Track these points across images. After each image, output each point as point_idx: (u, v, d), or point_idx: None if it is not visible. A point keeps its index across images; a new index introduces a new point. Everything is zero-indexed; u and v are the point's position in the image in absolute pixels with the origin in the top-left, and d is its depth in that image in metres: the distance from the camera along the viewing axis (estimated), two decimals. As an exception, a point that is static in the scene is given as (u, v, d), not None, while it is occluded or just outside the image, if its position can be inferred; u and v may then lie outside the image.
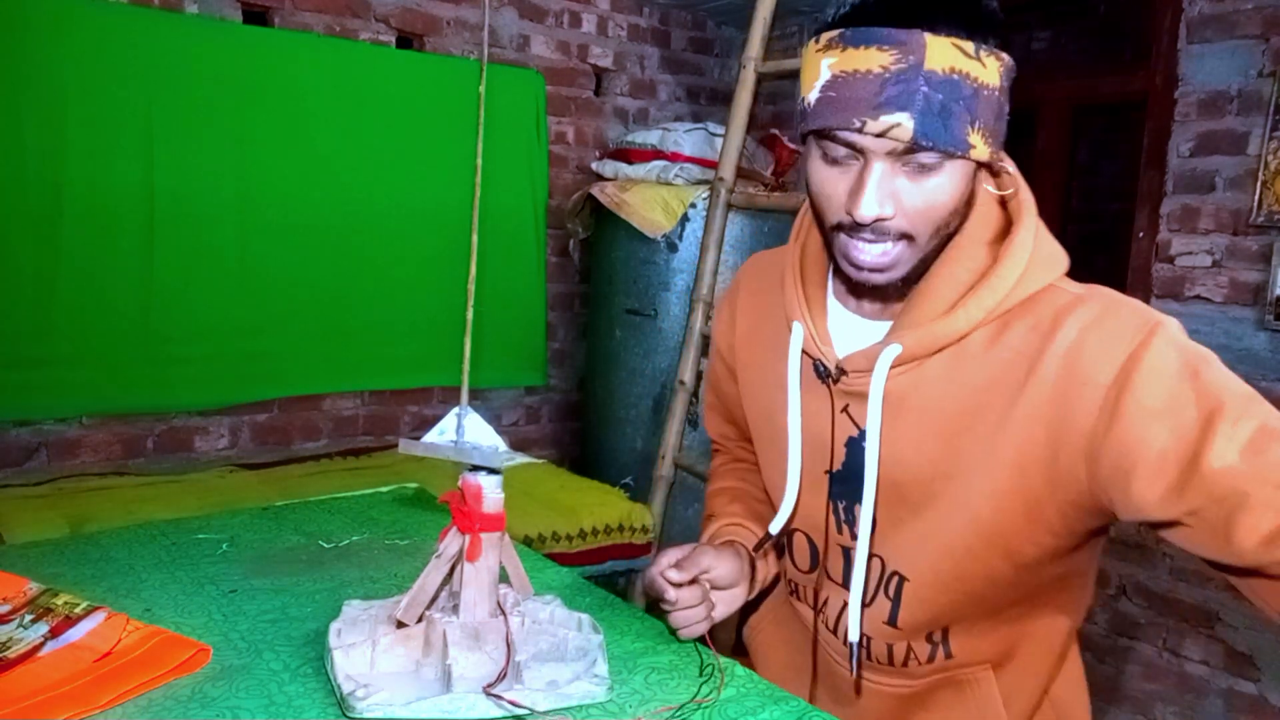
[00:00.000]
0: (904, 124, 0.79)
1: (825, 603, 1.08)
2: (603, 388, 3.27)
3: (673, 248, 3.00)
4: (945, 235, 0.88)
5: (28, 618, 1.01)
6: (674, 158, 3.07)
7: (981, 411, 0.89)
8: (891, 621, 1.01)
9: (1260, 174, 2.34)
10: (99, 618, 1.00)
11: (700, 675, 1.01)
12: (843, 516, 1.02)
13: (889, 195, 0.83)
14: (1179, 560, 2.58)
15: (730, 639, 1.30)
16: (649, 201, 3.00)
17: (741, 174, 2.70)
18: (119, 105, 2.53)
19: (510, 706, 0.90)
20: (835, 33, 0.82)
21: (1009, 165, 0.92)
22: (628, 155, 3.21)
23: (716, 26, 3.84)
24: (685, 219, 2.97)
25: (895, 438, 0.93)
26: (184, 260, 2.66)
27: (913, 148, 0.81)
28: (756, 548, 1.10)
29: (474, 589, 0.97)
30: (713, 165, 2.85)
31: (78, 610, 1.02)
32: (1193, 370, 0.81)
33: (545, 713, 0.91)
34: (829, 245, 0.91)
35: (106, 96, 2.51)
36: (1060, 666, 1.06)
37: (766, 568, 1.14)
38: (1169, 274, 2.57)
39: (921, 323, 0.90)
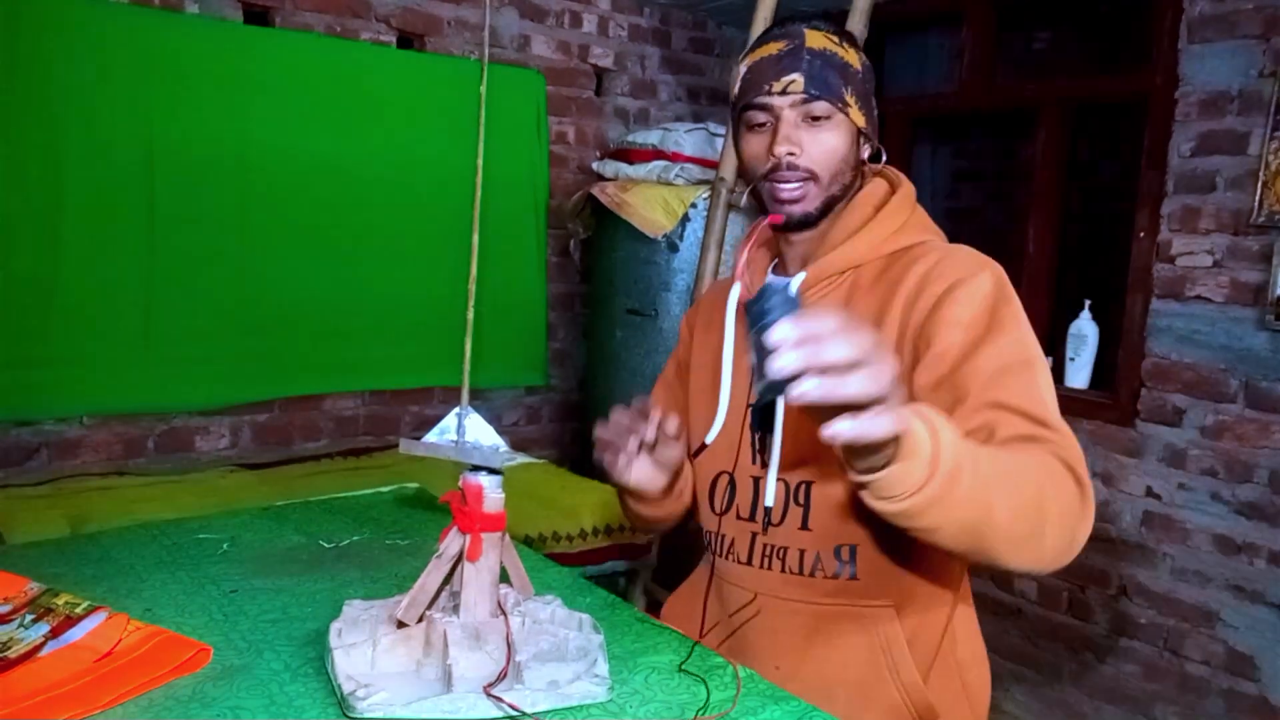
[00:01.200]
0: (797, 79, 1.10)
1: (732, 542, 1.21)
2: (603, 388, 3.27)
3: (673, 248, 3.00)
4: (842, 184, 1.15)
5: (28, 618, 1.01)
6: (674, 158, 3.07)
7: (870, 326, 1.09)
8: (804, 525, 1.14)
9: (1261, 174, 2.34)
10: (99, 618, 1.01)
11: (708, 681, 1.01)
12: (756, 446, 1.19)
13: (796, 142, 1.11)
14: (1179, 560, 2.58)
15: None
16: (649, 201, 3.00)
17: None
18: (119, 105, 2.53)
19: (509, 709, 0.90)
20: (748, 48, 1.19)
21: (884, 159, 1.20)
22: (628, 155, 3.21)
23: (717, 26, 3.84)
24: (686, 219, 2.97)
25: None
26: (184, 260, 2.66)
27: (806, 98, 1.10)
28: (694, 455, 1.25)
29: (474, 589, 0.97)
30: (713, 165, 2.85)
31: (78, 610, 1.02)
32: (994, 305, 1.04)
33: (545, 713, 0.91)
34: (762, 203, 1.17)
35: (106, 96, 2.51)
36: (950, 623, 1.18)
37: (688, 488, 1.29)
38: (1169, 274, 2.57)
39: (820, 257, 1.16)
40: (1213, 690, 2.52)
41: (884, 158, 1.20)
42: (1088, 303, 2.80)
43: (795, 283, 1.16)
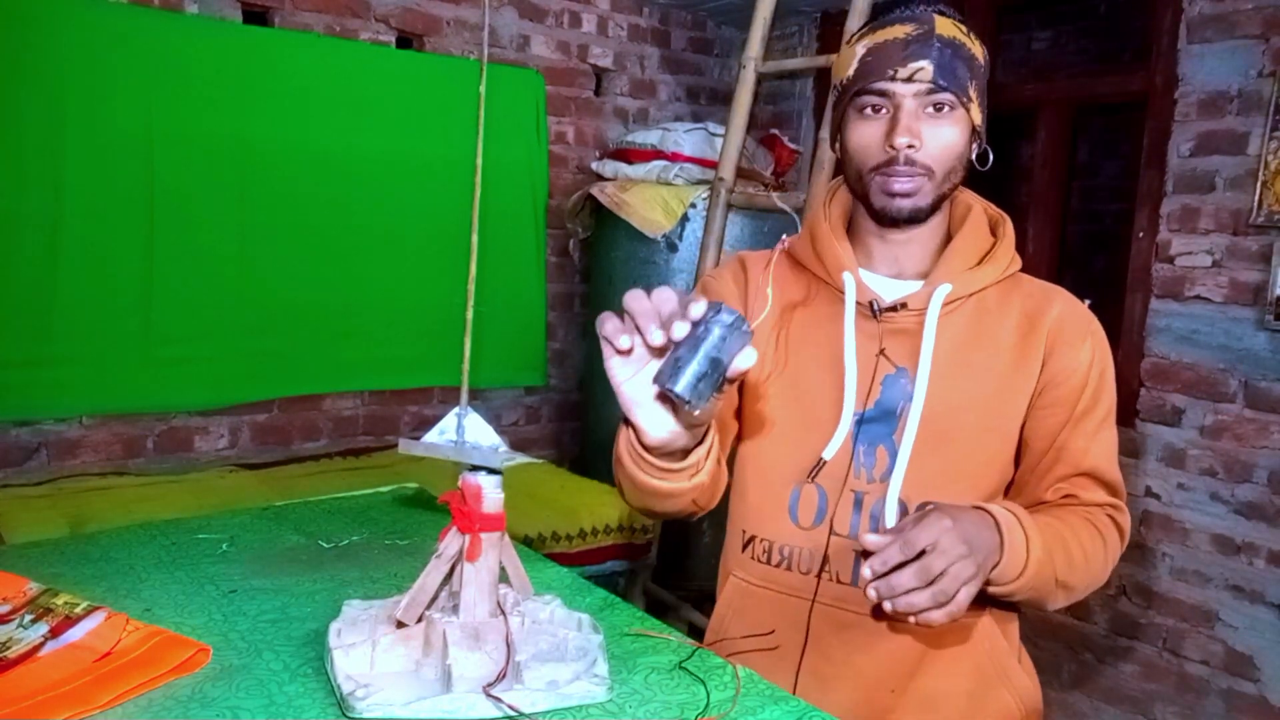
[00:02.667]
0: (926, 67, 1.03)
1: (827, 561, 1.12)
2: (603, 388, 3.27)
3: (673, 248, 3.00)
4: (953, 182, 1.10)
5: (28, 618, 1.01)
6: (674, 158, 3.06)
7: (1000, 353, 1.11)
8: None
9: (1260, 174, 2.34)
10: (99, 618, 1.00)
11: (708, 681, 1.01)
12: (862, 459, 1.12)
13: (917, 134, 1.04)
14: (1179, 560, 2.58)
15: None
16: (649, 201, 3.00)
17: (741, 174, 2.70)
18: (119, 105, 2.53)
19: (509, 709, 0.90)
20: (865, 26, 1.11)
21: (990, 161, 1.14)
22: (628, 155, 3.21)
23: (716, 26, 3.84)
24: (685, 219, 2.97)
25: (931, 374, 1.09)
26: (184, 260, 2.66)
27: (933, 88, 1.03)
28: (811, 475, 1.12)
29: (474, 589, 0.97)
30: (713, 165, 2.85)
31: (78, 610, 1.02)
32: (1105, 368, 1.13)
33: (544, 713, 0.91)
34: (864, 196, 1.10)
35: (106, 96, 2.51)
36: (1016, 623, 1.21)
37: (714, 456, 1.02)
38: (1169, 274, 2.57)
39: (958, 273, 1.11)
40: (1212, 690, 2.52)
41: (990, 160, 1.12)
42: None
43: (940, 294, 1.09)
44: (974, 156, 1.11)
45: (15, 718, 0.84)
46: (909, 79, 1.03)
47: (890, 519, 1.08)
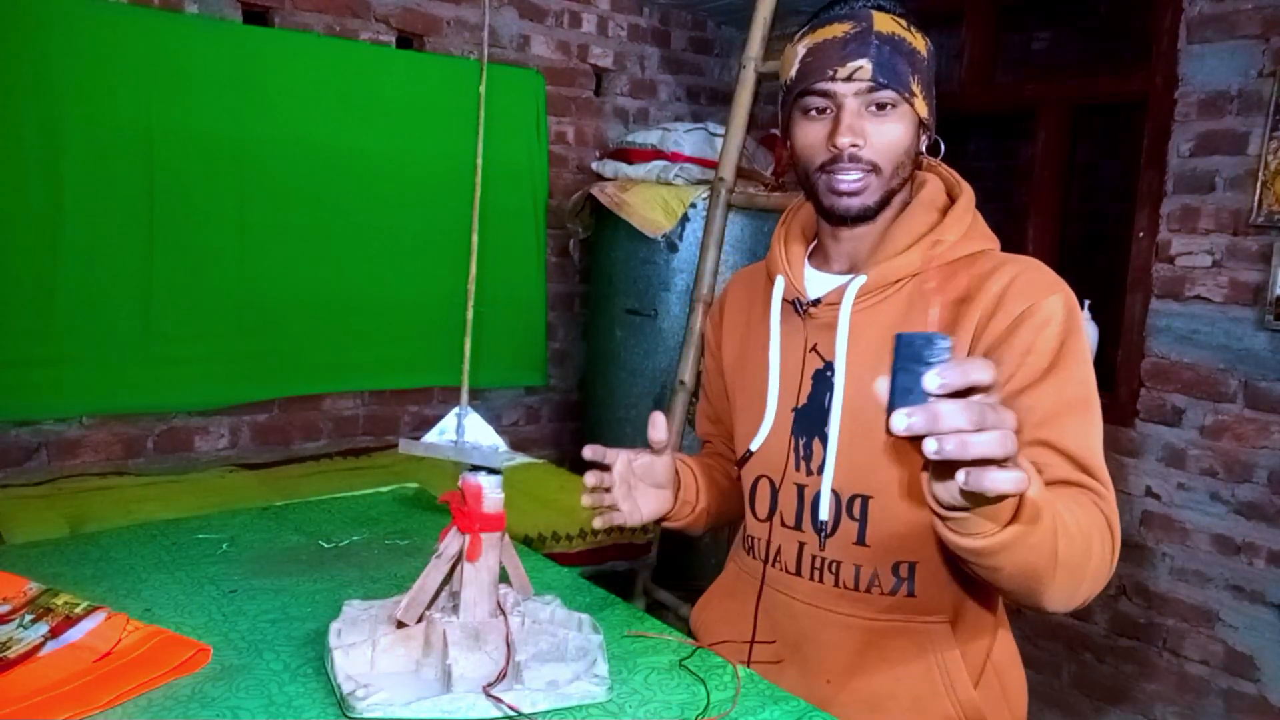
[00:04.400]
0: (865, 65, 1.03)
1: (779, 551, 1.17)
2: (603, 388, 3.27)
3: (673, 248, 3.00)
4: (902, 177, 1.09)
5: (28, 618, 1.01)
6: (674, 158, 3.06)
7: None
8: (860, 540, 1.10)
9: (1260, 174, 2.34)
10: (99, 618, 1.01)
11: (708, 681, 1.01)
12: (801, 453, 1.14)
13: (860, 132, 1.05)
14: (1179, 560, 2.58)
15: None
16: (649, 201, 3.00)
17: (741, 174, 2.70)
18: (119, 105, 2.53)
19: (509, 709, 0.90)
20: (806, 25, 1.11)
21: (942, 151, 1.15)
22: (628, 155, 3.21)
23: (716, 26, 3.84)
24: (685, 219, 2.97)
25: (858, 366, 1.09)
26: (184, 260, 2.66)
27: (874, 86, 1.04)
28: (739, 463, 1.21)
29: (474, 589, 0.97)
30: (713, 165, 2.85)
31: (78, 610, 1.02)
32: (1063, 337, 1.02)
33: (544, 713, 0.91)
34: (813, 195, 1.11)
35: (106, 96, 2.51)
36: (996, 634, 1.16)
37: (691, 489, 1.25)
38: (1169, 274, 2.57)
39: (881, 261, 1.09)
40: (1212, 690, 2.52)
41: (942, 150, 1.13)
42: (1087, 303, 2.79)
43: (853, 287, 1.09)
44: (923, 148, 1.12)
45: (15, 718, 0.84)
46: (849, 78, 1.03)
47: (824, 511, 1.10)
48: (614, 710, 0.93)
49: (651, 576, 2.79)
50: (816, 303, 1.12)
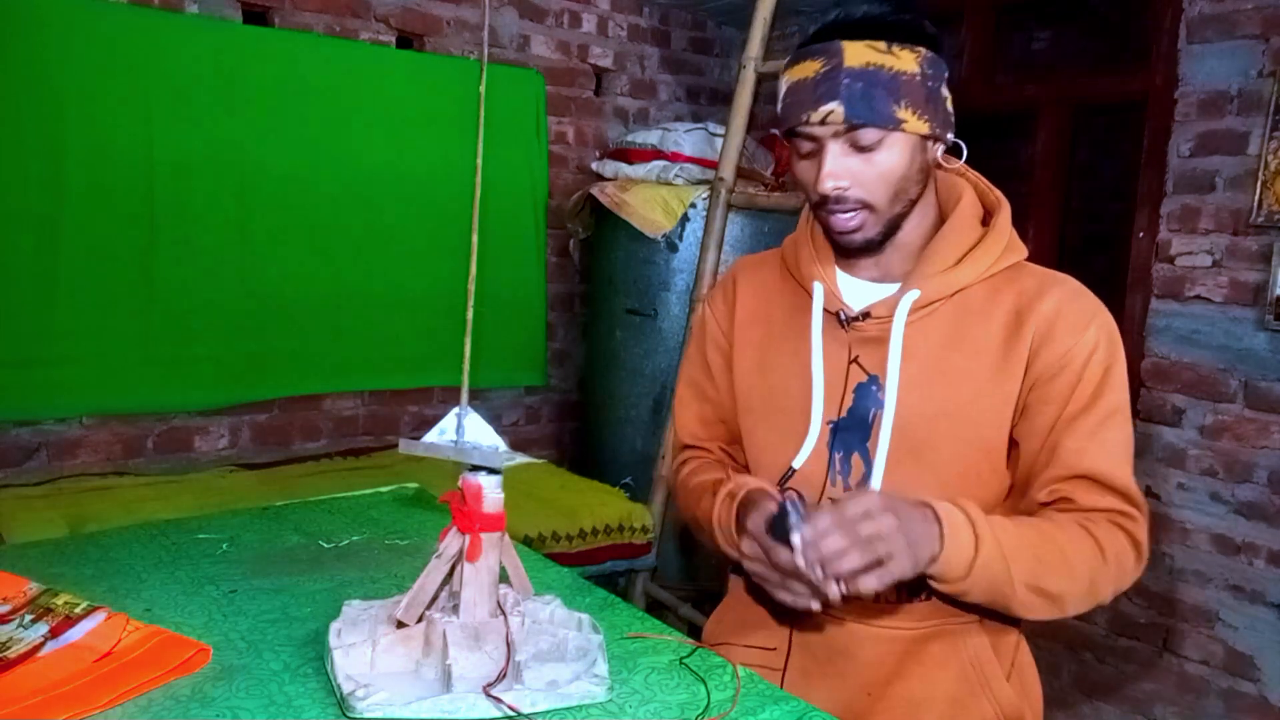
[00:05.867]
0: (836, 109, 1.00)
1: None
2: (603, 388, 3.27)
3: (673, 248, 3.00)
4: (908, 200, 1.07)
5: (28, 618, 1.01)
6: (674, 158, 3.06)
7: (981, 356, 1.07)
8: None
9: (1260, 174, 2.34)
10: (99, 618, 1.01)
11: (707, 681, 1.01)
12: (838, 467, 1.12)
13: (845, 172, 1.02)
14: (1179, 560, 2.58)
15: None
16: (649, 201, 3.00)
17: (741, 174, 2.70)
18: (119, 105, 2.53)
19: (509, 709, 0.90)
20: (789, 58, 1.08)
21: (964, 153, 1.11)
22: (628, 155, 3.21)
23: (716, 26, 3.84)
24: (685, 219, 2.97)
25: (903, 382, 1.07)
26: (184, 260, 2.66)
27: (850, 127, 1.00)
28: (781, 484, 1.15)
29: (474, 589, 0.97)
30: (713, 165, 2.85)
31: (78, 610, 1.02)
32: (1109, 363, 1.06)
33: (544, 713, 0.91)
34: (819, 221, 1.10)
35: (106, 96, 2.51)
36: (1019, 631, 1.17)
37: None
38: (1169, 274, 2.57)
39: (932, 275, 1.07)
40: (1212, 690, 2.52)
41: (964, 152, 1.09)
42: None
43: (906, 301, 1.07)
44: (939, 155, 1.08)
45: (15, 718, 0.84)
46: (822, 121, 1.00)
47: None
48: (614, 710, 0.93)
49: (651, 576, 2.79)
50: (860, 316, 1.10)
